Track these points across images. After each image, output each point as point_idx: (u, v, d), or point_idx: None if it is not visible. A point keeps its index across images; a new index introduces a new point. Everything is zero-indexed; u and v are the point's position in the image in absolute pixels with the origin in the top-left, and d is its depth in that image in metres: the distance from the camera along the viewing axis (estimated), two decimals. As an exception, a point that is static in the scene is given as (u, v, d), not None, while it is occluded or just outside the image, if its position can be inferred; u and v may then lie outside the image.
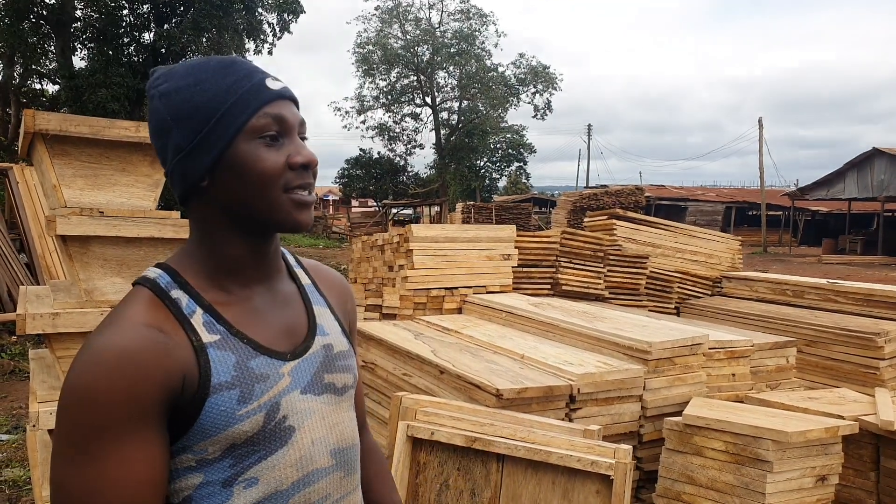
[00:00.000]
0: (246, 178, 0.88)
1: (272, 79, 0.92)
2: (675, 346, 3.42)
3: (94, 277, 2.37)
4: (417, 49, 34.74)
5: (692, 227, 6.81)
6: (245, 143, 0.87)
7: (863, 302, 5.15)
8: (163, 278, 0.90)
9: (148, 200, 2.55)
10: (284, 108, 0.90)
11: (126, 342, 0.80)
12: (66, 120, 2.31)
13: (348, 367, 1.03)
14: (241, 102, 0.88)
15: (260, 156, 0.87)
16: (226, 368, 0.86)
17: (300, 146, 0.91)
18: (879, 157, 24.32)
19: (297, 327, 0.98)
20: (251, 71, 0.91)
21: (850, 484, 3.25)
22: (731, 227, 31.68)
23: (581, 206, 22.75)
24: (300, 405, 0.92)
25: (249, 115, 0.87)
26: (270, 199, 0.88)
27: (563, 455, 2.50)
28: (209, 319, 0.88)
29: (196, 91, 0.88)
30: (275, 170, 0.87)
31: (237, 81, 0.89)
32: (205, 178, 0.89)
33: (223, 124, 0.87)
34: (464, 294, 4.74)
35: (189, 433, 0.84)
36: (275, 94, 0.90)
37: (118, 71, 17.10)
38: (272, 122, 0.88)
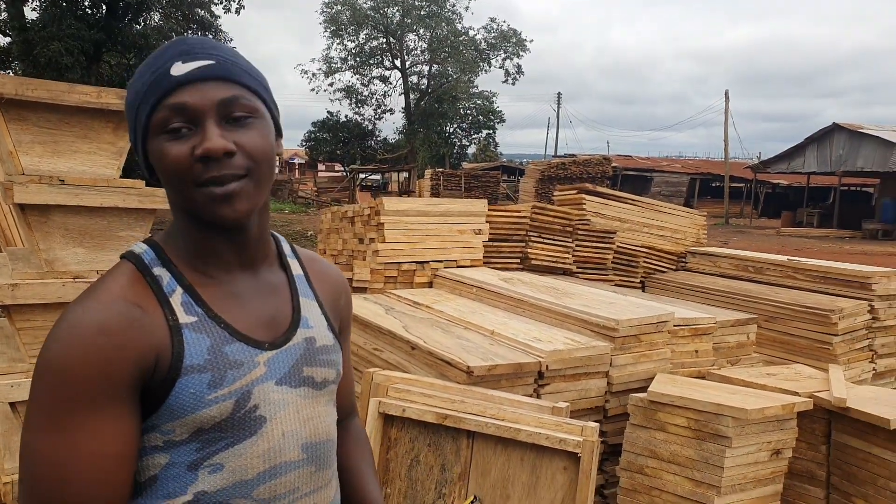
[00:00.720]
0: (162, 175, 0.87)
1: (183, 61, 0.85)
2: (642, 324, 3.50)
3: (56, 248, 2.32)
4: (387, 10, 34.04)
5: (660, 202, 6.91)
6: (153, 141, 0.86)
7: (820, 279, 5.32)
8: (147, 254, 0.90)
9: (111, 169, 2.48)
10: (188, 95, 0.83)
11: (102, 316, 0.80)
12: (23, 83, 2.22)
13: (330, 362, 1.01)
14: (145, 98, 0.85)
15: (163, 152, 0.85)
16: (199, 351, 0.85)
17: (206, 136, 0.83)
18: (839, 132, 24.91)
19: (279, 317, 0.96)
20: (167, 58, 0.86)
21: (803, 457, 3.40)
22: (694, 198, 32.23)
23: (549, 175, 22.88)
24: (273, 396, 0.91)
25: (150, 112, 0.85)
26: (185, 195, 0.86)
27: (532, 433, 2.55)
28: (188, 300, 0.87)
29: (129, 87, 0.89)
30: (178, 165, 0.84)
31: (150, 74, 0.86)
32: (152, 174, 0.90)
33: (137, 125, 0.87)
34: (434, 268, 4.75)
35: (158, 413, 0.83)
36: (174, 81, 0.84)
37: (73, 24, 16.36)
38: (171, 113, 0.84)
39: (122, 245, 2.43)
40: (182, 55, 0.86)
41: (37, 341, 2.24)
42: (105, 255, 2.42)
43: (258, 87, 0.90)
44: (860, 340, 4.85)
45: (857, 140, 24.25)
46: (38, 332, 2.25)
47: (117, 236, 2.46)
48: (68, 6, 17.14)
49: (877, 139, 23.47)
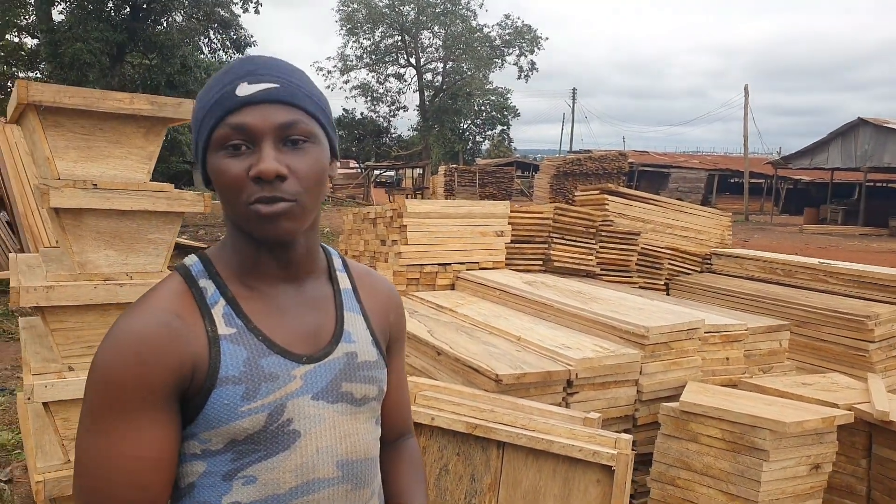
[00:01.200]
0: (218, 189, 0.89)
1: (249, 82, 0.87)
2: (672, 331, 3.42)
3: (88, 250, 2.33)
4: (402, 8, 33.99)
5: (683, 203, 6.80)
6: (212, 156, 0.88)
7: (853, 283, 5.19)
8: (196, 266, 0.93)
9: (141, 173, 2.49)
10: (250, 115, 0.86)
11: (143, 327, 0.84)
12: (60, 91, 2.24)
13: (372, 379, 0.99)
14: (209, 114, 0.88)
15: (221, 168, 0.87)
16: (235, 363, 0.86)
17: (262, 157, 0.85)
18: (864, 127, 24.39)
19: (321, 331, 0.96)
20: (234, 76, 0.89)
21: (842, 470, 3.30)
22: (713, 194, 31.89)
23: (564, 171, 22.69)
24: (309, 411, 0.90)
25: (212, 128, 0.88)
26: (238, 210, 0.88)
27: (565, 445, 2.49)
28: (229, 312, 0.89)
29: (198, 100, 0.92)
30: (234, 182, 0.86)
31: (217, 90, 0.89)
32: (210, 183, 0.92)
33: (200, 137, 0.90)
34: (457, 270, 4.70)
35: (196, 421, 0.86)
36: (239, 101, 0.86)
37: (97, 25, 16.47)
38: (232, 132, 0.86)
39: (150, 247, 2.44)
40: (248, 75, 0.88)
41: (69, 342, 2.26)
42: (134, 257, 2.43)
43: (318, 111, 0.92)
44: (896, 347, 4.72)
45: (883, 135, 23.72)
46: (71, 334, 2.27)
47: (146, 238, 2.47)
48: (95, 8, 17.27)
49: (904, 134, 23.00)
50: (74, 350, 2.26)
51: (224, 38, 19.59)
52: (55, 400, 2.12)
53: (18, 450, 3.88)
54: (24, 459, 3.58)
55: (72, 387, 2.12)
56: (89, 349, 2.29)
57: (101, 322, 2.29)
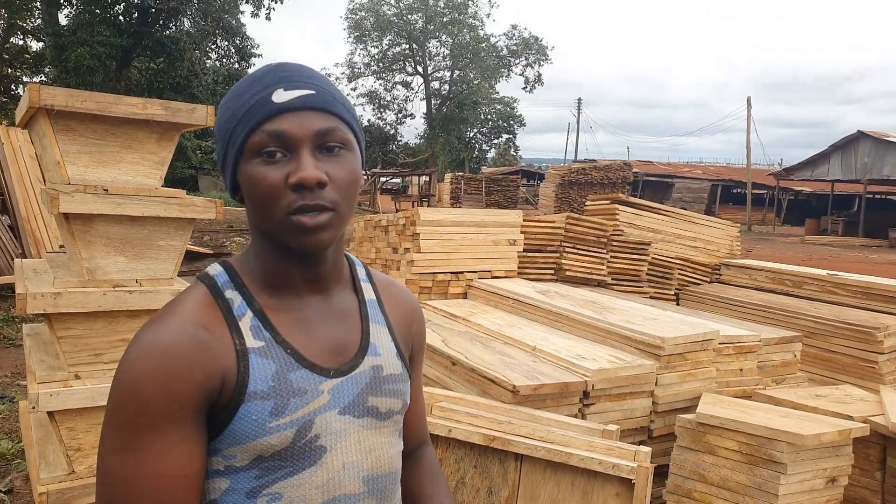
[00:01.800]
0: (251, 198, 0.86)
1: (285, 88, 0.85)
2: (688, 342, 3.40)
3: (97, 256, 2.31)
4: (410, 17, 34.12)
5: (693, 213, 6.80)
6: (246, 163, 0.85)
7: (861, 295, 5.18)
8: (221, 277, 0.90)
9: (153, 179, 2.48)
10: (288, 122, 0.83)
11: (170, 339, 0.81)
12: (73, 95, 2.22)
13: (397, 392, 0.98)
14: (244, 120, 0.85)
15: (257, 176, 0.84)
16: (264, 377, 0.84)
17: (301, 164, 0.83)
18: (864, 140, 24.47)
19: (347, 344, 0.94)
20: (267, 83, 0.86)
21: (856, 483, 3.28)
22: (716, 204, 31.91)
23: (570, 180, 22.73)
24: (335, 426, 0.89)
25: (247, 134, 0.84)
26: (274, 220, 0.85)
27: (584, 457, 2.48)
28: (257, 324, 0.87)
29: (225, 107, 0.89)
30: (272, 191, 0.83)
31: (250, 96, 0.86)
32: (237, 193, 0.90)
33: (231, 144, 0.87)
34: (469, 279, 4.69)
35: (221, 437, 0.83)
36: (276, 108, 0.84)
37: (103, 30, 16.52)
38: (268, 138, 0.83)
39: (161, 254, 2.42)
40: (283, 82, 0.86)
41: (76, 350, 2.23)
42: (145, 263, 2.40)
43: (351, 119, 0.91)
44: (906, 359, 4.70)
45: (882, 148, 23.80)
46: (78, 341, 2.24)
47: (157, 245, 2.44)
48: (101, 13, 17.33)
49: (904, 147, 23.05)
50: (81, 358, 2.23)
51: (230, 45, 19.67)
52: (61, 409, 2.08)
53: (19, 459, 3.79)
54: (24, 469, 3.51)
55: (78, 395, 2.08)
56: (96, 357, 2.26)
57: (109, 330, 2.26)
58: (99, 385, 2.14)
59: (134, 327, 2.29)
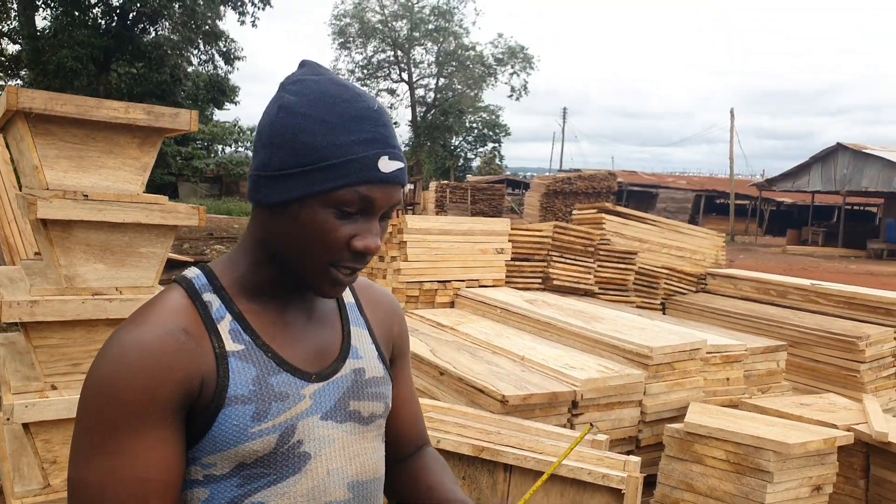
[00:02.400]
0: (301, 236, 0.82)
1: (390, 157, 0.82)
2: (675, 352, 3.40)
3: (76, 263, 2.25)
4: (395, 24, 34.17)
5: (679, 223, 6.83)
6: (320, 206, 0.81)
7: (844, 304, 5.23)
8: (199, 279, 0.87)
9: (135, 184, 2.42)
10: (381, 192, 0.82)
11: (150, 339, 0.78)
12: (52, 99, 2.17)
13: (379, 395, 0.96)
14: (342, 169, 0.80)
15: (326, 226, 0.81)
16: (244, 381, 0.82)
17: (371, 231, 0.83)
18: (843, 152, 24.85)
19: (328, 348, 0.92)
20: (374, 139, 0.82)
21: (841, 491, 3.29)
22: (699, 215, 32.19)
23: (555, 189, 22.82)
24: (319, 431, 0.87)
25: (341, 186, 0.80)
26: (313, 266, 0.84)
27: (574, 468, 2.46)
28: (237, 328, 0.85)
29: (311, 128, 0.81)
30: (331, 244, 0.82)
31: (354, 145, 0.81)
32: (271, 207, 0.84)
33: (313, 178, 0.80)
34: (457, 287, 4.66)
35: (200, 444, 0.81)
36: (379, 178, 0.81)
37: (83, 32, 16.32)
38: (358, 200, 0.81)
39: (142, 261, 2.37)
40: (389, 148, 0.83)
41: (52, 360, 2.17)
42: (125, 271, 2.35)
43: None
44: (887, 368, 4.75)
45: (861, 160, 24.19)
46: (55, 351, 2.18)
47: (138, 252, 2.39)
48: (80, 15, 17.13)
49: (881, 160, 23.40)
50: (58, 368, 2.16)
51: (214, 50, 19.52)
52: (36, 421, 2.02)
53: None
54: (-3, 483, 3.42)
55: (54, 407, 2.02)
56: (74, 367, 2.20)
57: (87, 339, 2.20)
58: (76, 396, 2.08)
59: (114, 336, 2.24)
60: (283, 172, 0.81)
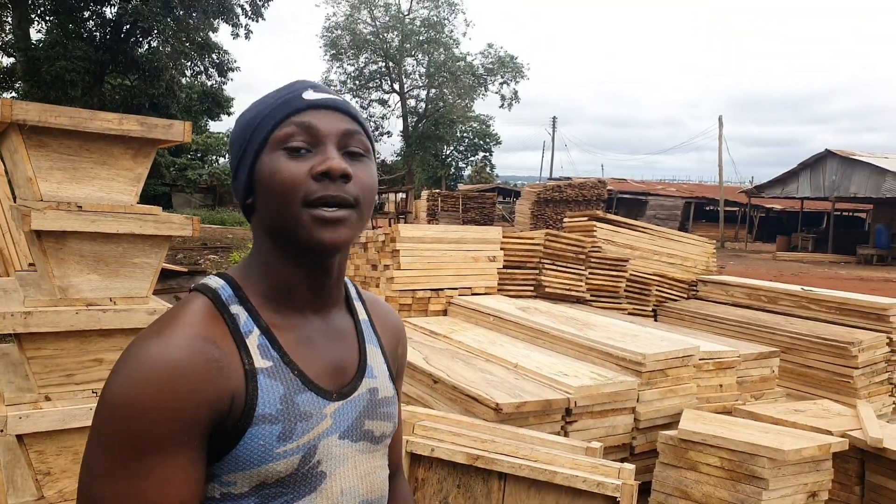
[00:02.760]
0: (268, 191, 0.82)
1: (315, 90, 0.86)
2: (668, 358, 3.41)
3: (70, 274, 2.24)
4: (386, 35, 34.30)
5: (670, 230, 6.86)
6: (268, 155, 0.83)
7: (836, 310, 5.26)
8: (224, 290, 0.85)
9: (129, 195, 2.42)
10: (317, 118, 0.83)
11: (179, 354, 0.74)
12: (46, 110, 2.17)
13: (390, 415, 0.95)
14: (272, 114, 0.84)
15: (278, 166, 0.81)
16: (272, 400, 0.80)
17: (328, 156, 0.81)
18: (831, 159, 25.05)
19: (346, 365, 0.90)
20: (296, 87, 0.87)
21: (836, 498, 3.30)
22: (689, 222, 32.36)
23: (545, 197, 22.90)
24: (336, 451, 0.85)
25: (274, 126, 0.83)
26: (290, 214, 0.81)
27: (568, 475, 2.45)
28: (265, 342, 0.82)
29: (248, 110, 0.88)
30: (292, 180, 0.80)
31: (278, 97, 0.86)
32: (248, 196, 0.86)
33: (253, 139, 0.84)
34: (449, 295, 4.66)
35: (222, 461, 0.78)
36: (306, 103, 0.84)
37: (79, 45, 16.31)
38: (297, 130, 0.82)
39: (136, 272, 2.36)
40: (313, 87, 0.87)
41: (47, 371, 2.16)
42: (119, 281, 2.35)
43: (370, 132, 0.91)
44: (880, 374, 4.78)
45: (849, 166, 24.39)
46: (49, 362, 2.17)
47: (132, 263, 2.39)
48: (75, 28, 17.11)
49: (869, 166, 23.61)
50: (52, 379, 2.16)
51: (207, 62, 19.53)
52: (30, 432, 2.01)
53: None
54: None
55: (48, 418, 2.01)
56: (68, 378, 2.19)
57: (80, 350, 2.20)
58: (70, 407, 2.08)
59: (107, 347, 2.23)
60: (239, 157, 0.86)
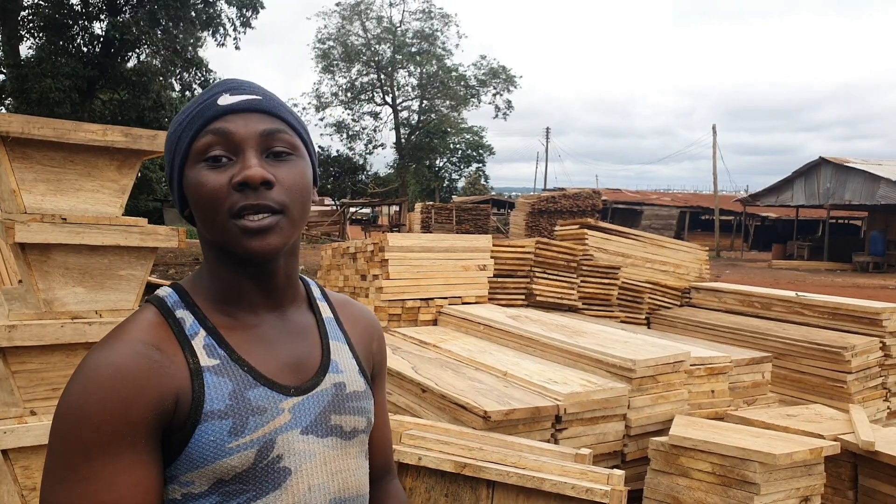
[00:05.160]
0: (196, 204, 0.84)
1: (231, 93, 0.85)
2: (659, 364, 3.40)
3: (55, 287, 2.22)
4: (378, 47, 34.47)
5: (662, 237, 6.87)
6: (191, 169, 0.83)
7: (828, 315, 5.25)
8: (171, 297, 0.87)
9: (114, 207, 2.41)
10: (233, 123, 0.83)
11: (121, 359, 0.77)
12: (30, 122, 2.16)
13: (360, 410, 0.94)
14: (189, 125, 0.84)
15: (200, 180, 0.82)
16: (220, 396, 0.81)
17: (246, 164, 0.81)
18: (825, 166, 25.16)
19: (307, 361, 0.91)
20: (214, 91, 0.86)
21: (829, 502, 3.28)
22: (685, 231, 32.43)
23: (539, 208, 22.94)
24: (299, 446, 0.85)
25: (193, 137, 0.83)
26: (218, 225, 0.82)
27: (557, 482, 2.43)
28: (211, 343, 0.84)
29: (174, 122, 0.88)
30: (214, 193, 0.81)
31: (195, 106, 0.86)
32: (185, 208, 0.87)
33: (177, 152, 0.85)
34: (439, 305, 4.65)
35: (177, 461, 0.79)
36: (220, 109, 0.83)
37: (67, 61, 16.36)
38: (215, 139, 0.82)
39: (122, 284, 2.35)
40: (230, 89, 0.86)
41: (32, 384, 2.14)
42: (105, 294, 2.33)
43: (299, 126, 0.90)
44: (873, 378, 4.76)
45: (843, 174, 24.51)
46: (34, 376, 2.15)
47: (118, 275, 2.37)
48: (64, 44, 17.17)
49: (863, 173, 23.73)
50: (37, 393, 2.14)
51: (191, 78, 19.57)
52: (15, 447, 1.99)
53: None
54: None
55: (34, 432, 1.99)
56: (54, 392, 2.17)
57: (66, 363, 2.18)
58: (55, 421, 2.06)
59: (92, 359, 2.22)
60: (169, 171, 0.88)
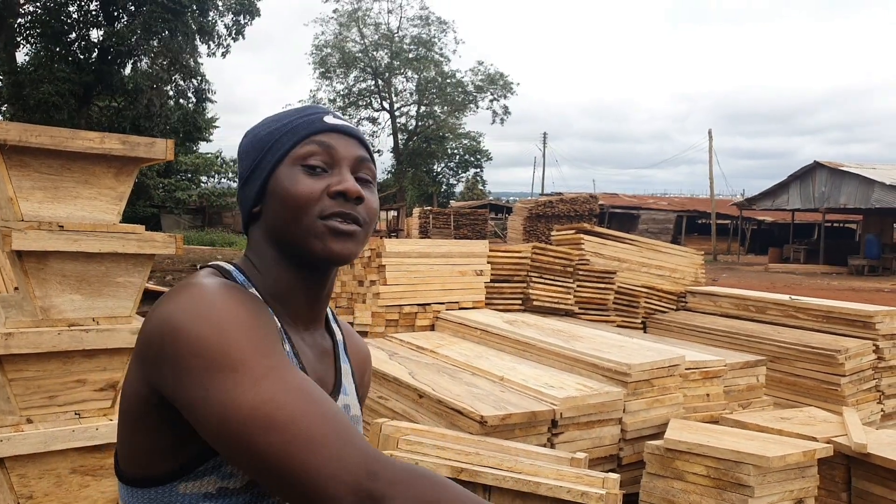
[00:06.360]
0: (283, 202, 0.86)
1: (336, 116, 0.91)
2: (654, 368, 3.42)
3: (52, 294, 2.23)
4: (376, 53, 34.52)
5: (658, 242, 6.90)
6: (286, 168, 0.87)
7: (823, 318, 5.29)
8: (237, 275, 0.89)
9: (111, 214, 2.42)
10: (336, 141, 0.88)
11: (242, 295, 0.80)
12: (27, 130, 2.17)
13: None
14: (291, 132, 0.89)
15: (297, 180, 0.86)
16: None
17: (344, 178, 0.86)
18: (820, 170, 25.26)
19: (325, 379, 0.94)
20: (315, 110, 0.92)
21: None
22: (681, 235, 32.49)
23: (537, 213, 23.02)
24: None
25: (295, 142, 0.88)
26: (305, 224, 0.85)
27: (553, 486, 2.45)
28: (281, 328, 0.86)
29: (263, 128, 0.93)
30: (310, 195, 0.85)
31: (298, 117, 0.91)
32: (256, 204, 0.90)
33: (272, 152, 0.89)
34: (436, 310, 4.67)
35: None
36: (328, 126, 0.89)
37: (63, 68, 16.39)
38: (318, 149, 0.87)
39: (119, 291, 2.35)
40: (332, 113, 0.93)
41: (28, 392, 2.14)
42: (102, 301, 2.33)
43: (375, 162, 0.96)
44: (867, 381, 4.79)
45: (838, 178, 24.61)
46: (31, 384, 2.15)
47: (115, 282, 2.37)
48: (60, 51, 17.20)
49: (858, 177, 23.82)
50: (34, 401, 2.14)
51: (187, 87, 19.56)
52: (11, 455, 1.99)
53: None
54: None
55: (30, 441, 1.99)
56: (50, 400, 2.17)
57: (63, 371, 2.17)
58: (52, 429, 2.06)
59: (90, 368, 2.22)
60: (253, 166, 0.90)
